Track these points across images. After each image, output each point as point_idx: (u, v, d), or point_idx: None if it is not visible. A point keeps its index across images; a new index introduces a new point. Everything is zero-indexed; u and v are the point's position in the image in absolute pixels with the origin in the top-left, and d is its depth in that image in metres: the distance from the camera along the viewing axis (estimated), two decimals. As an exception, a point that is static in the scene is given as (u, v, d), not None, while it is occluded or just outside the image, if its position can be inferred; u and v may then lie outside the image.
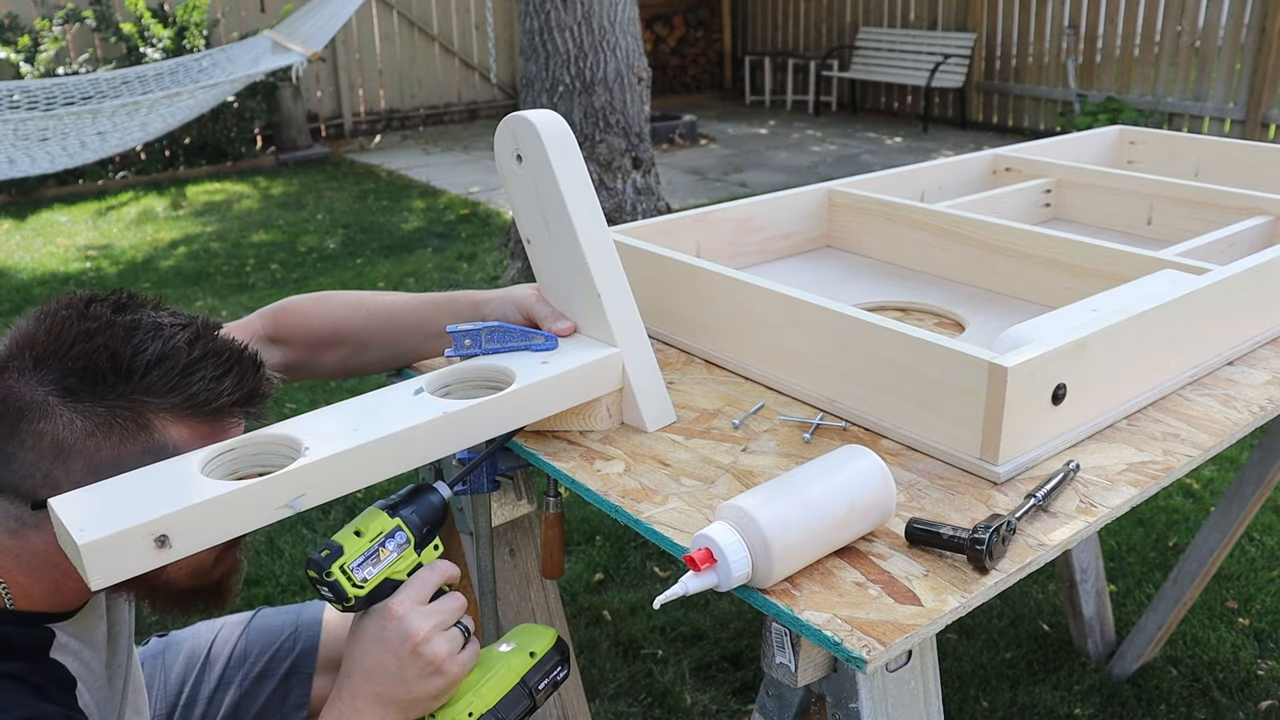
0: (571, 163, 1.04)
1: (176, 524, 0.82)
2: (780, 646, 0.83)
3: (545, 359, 1.07)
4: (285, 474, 0.87)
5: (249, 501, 0.86)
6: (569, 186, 1.04)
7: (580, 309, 1.11)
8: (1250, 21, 7.17)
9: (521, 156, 1.06)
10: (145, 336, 0.92)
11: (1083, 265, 1.33)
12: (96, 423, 0.89)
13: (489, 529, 1.23)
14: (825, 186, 1.66)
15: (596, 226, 1.06)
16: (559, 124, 1.05)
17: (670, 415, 1.11)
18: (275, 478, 0.87)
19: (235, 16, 8.51)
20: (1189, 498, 2.87)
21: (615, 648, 2.29)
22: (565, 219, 1.05)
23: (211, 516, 0.84)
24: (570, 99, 4.83)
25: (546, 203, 1.06)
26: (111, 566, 0.80)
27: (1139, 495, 0.94)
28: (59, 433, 0.89)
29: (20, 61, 7.16)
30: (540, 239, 1.10)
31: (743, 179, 7.21)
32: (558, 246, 1.08)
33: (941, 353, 0.98)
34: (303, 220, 6.33)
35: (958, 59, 8.91)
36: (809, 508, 0.82)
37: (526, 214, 1.10)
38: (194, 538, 0.84)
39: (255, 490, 0.86)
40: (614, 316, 1.07)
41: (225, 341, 0.97)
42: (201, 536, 0.84)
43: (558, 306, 1.13)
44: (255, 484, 0.86)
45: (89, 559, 0.79)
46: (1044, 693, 2.13)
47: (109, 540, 0.79)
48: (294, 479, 0.88)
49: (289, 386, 3.75)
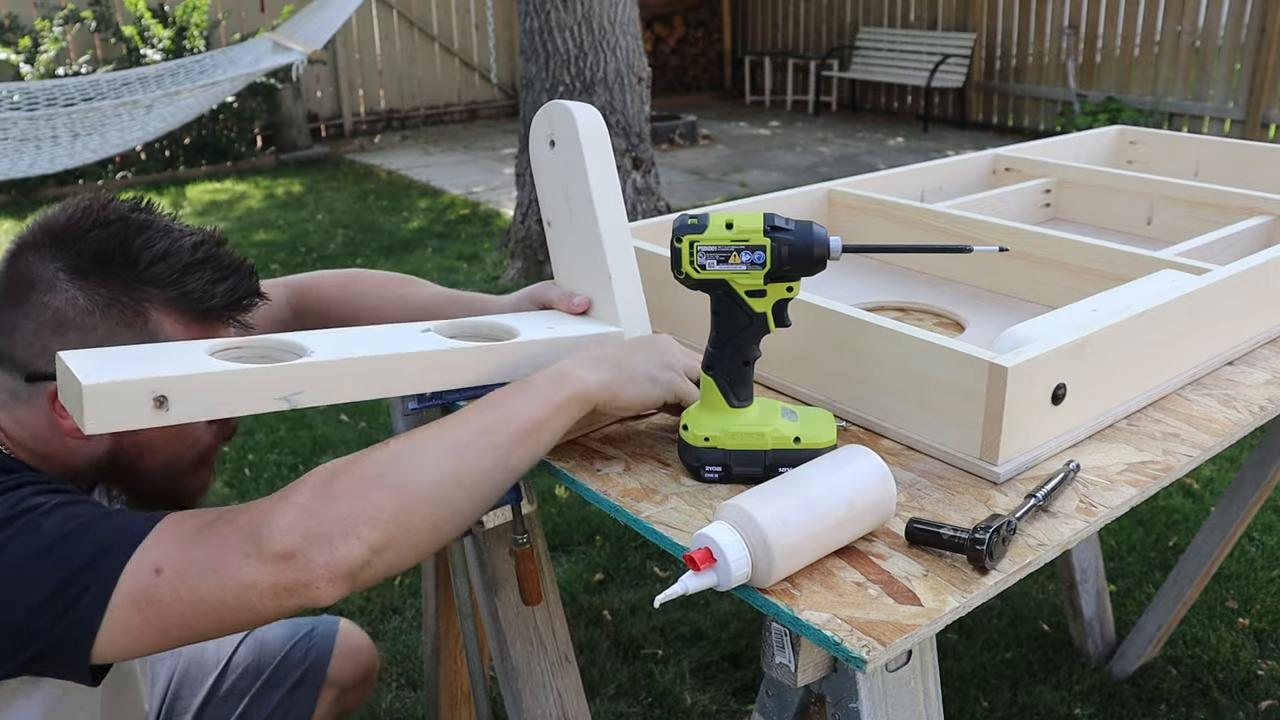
0: (601, 151, 1.10)
1: (177, 388, 0.85)
2: (780, 646, 0.83)
3: (550, 324, 1.10)
4: (287, 366, 0.91)
5: (249, 384, 0.89)
6: (596, 171, 1.09)
7: (591, 290, 1.14)
8: (1250, 21, 7.17)
9: (555, 142, 1.11)
10: (155, 234, 0.98)
11: (1083, 265, 1.33)
12: (97, 303, 0.95)
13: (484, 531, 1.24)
14: (825, 186, 1.66)
15: (616, 213, 1.10)
16: (595, 116, 1.10)
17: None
18: (277, 368, 0.90)
19: (235, 17, 8.51)
20: (1189, 498, 2.87)
21: (615, 648, 2.29)
22: (588, 203, 1.09)
23: (211, 388, 0.87)
24: (570, 99, 4.82)
25: (572, 186, 1.10)
26: (108, 414, 0.82)
27: (1139, 495, 0.94)
28: (61, 306, 0.94)
29: (20, 63, 7.16)
30: (561, 221, 1.14)
31: (743, 179, 7.21)
32: (578, 230, 1.12)
33: (941, 353, 0.98)
34: (303, 220, 6.33)
35: (958, 59, 8.91)
36: (809, 507, 0.82)
37: (551, 197, 1.14)
38: (192, 405, 0.86)
39: (256, 375, 0.89)
40: (621, 297, 1.11)
41: (228, 252, 1.03)
42: (199, 406, 0.86)
43: (571, 289, 1.17)
44: (257, 368, 0.89)
45: (89, 401, 0.80)
46: (1044, 693, 2.13)
47: (111, 387, 0.81)
48: (295, 373, 0.91)
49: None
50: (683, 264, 0.93)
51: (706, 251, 0.91)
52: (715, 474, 0.97)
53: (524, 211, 5.10)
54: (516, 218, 5.20)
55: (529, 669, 1.32)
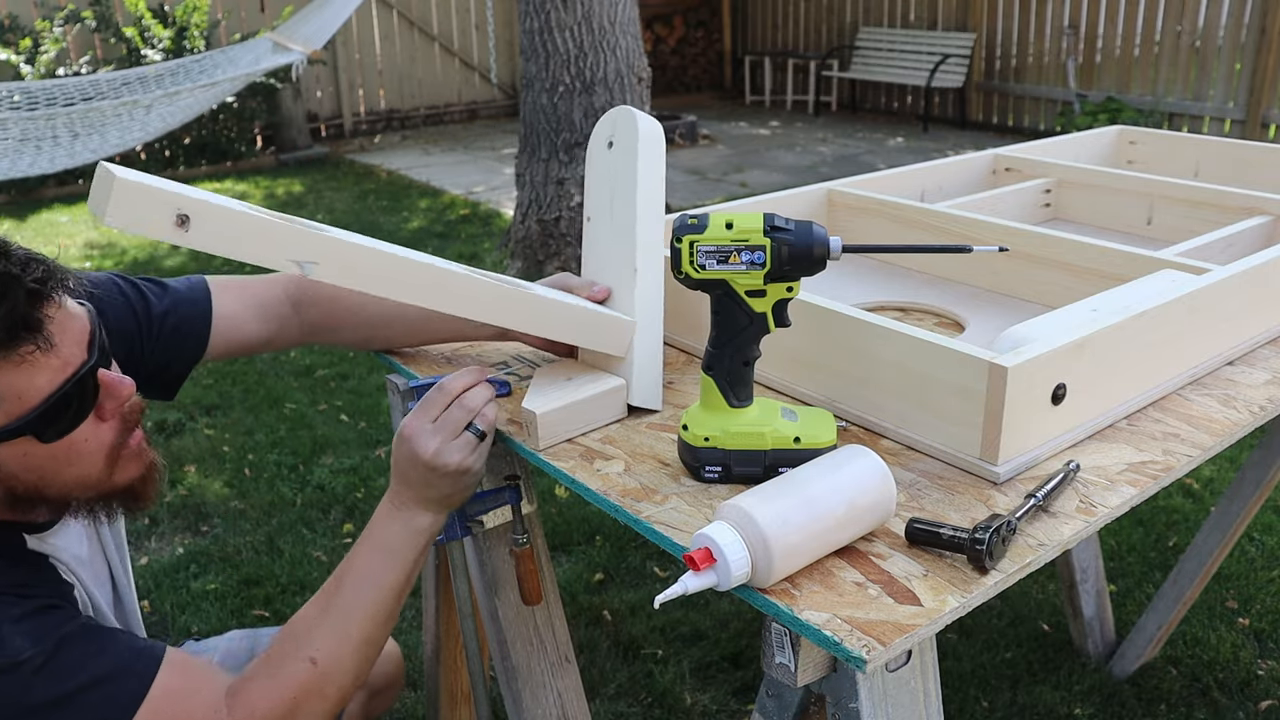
0: (656, 161, 1.15)
1: (202, 213, 0.87)
2: (780, 646, 0.83)
3: (567, 299, 1.13)
4: (311, 232, 0.93)
5: (267, 234, 0.91)
6: (646, 177, 1.14)
7: (614, 281, 1.17)
8: (1250, 21, 7.17)
9: (613, 143, 1.16)
10: None
11: (1083, 265, 1.33)
12: None
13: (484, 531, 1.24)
14: (825, 186, 1.66)
15: (656, 219, 1.15)
16: (658, 129, 1.16)
17: (657, 403, 1.14)
18: (301, 229, 0.92)
19: (235, 17, 8.51)
20: (1189, 498, 2.87)
21: (615, 648, 2.29)
22: (631, 202, 1.13)
23: (231, 226, 0.89)
24: (570, 99, 4.83)
25: (619, 187, 1.15)
26: (134, 214, 0.84)
27: (1139, 495, 0.94)
28: None
29: (21, 63, 7.16)
30: (601, 219, 1.18)
31: (743, 179, 7.21)
32: (615, 227, 1.16)
33: (941, 353, 0.98)
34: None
35: (958, 59, 8.91)
36: (809, 507, 0.82)
37: (597, 195, 1.18)
38: (210, 237, 0.88)
39: (280, 229, 0.91)
40: (641, 293, 1.14)
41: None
42: (216, 240, 0.88)
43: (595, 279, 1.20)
44: (284, 222, 0.90)
45: (118, 194, 0.82)
46: (1044, 693, 2.13)
47: (143, 188, 0.84)
48: (313, 242, 0.93)
49: (289, 386, 3.76)
50: (683, 264, 0.93)
51: (706, 251, 0.92)
52: (715, 474, 0.97)
53: (524, 211, 5.10)
54: (516, 218, 5.20)
55: (529, 669, 1.33)
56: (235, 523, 2.85)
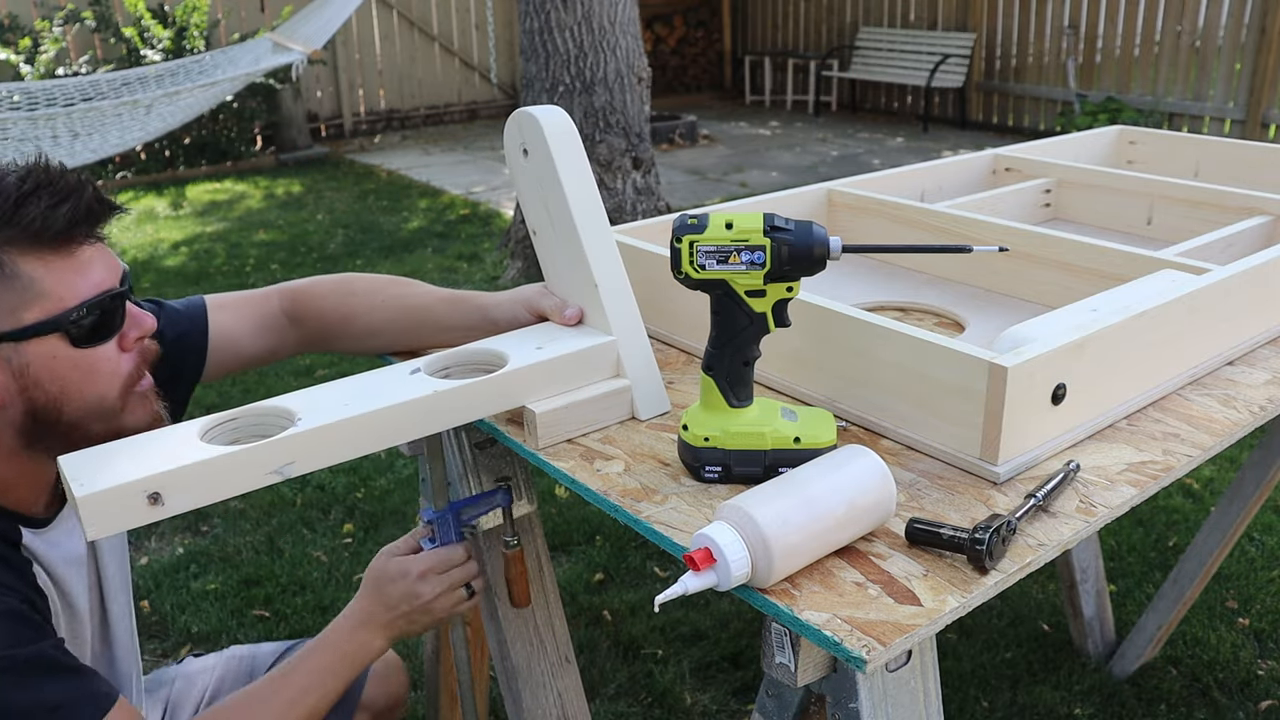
0: (573, 157, 1.08)
1: (170, 483, 0.87)
2: (780, 646, 0.83)
3: (540, 344, 1.10)
4: (276, 441, 0.92)
5: (241, 465, 0.91)
6: (570, 180, 1.07)
7: (580, 299, 1.14)
8: (1250, 21, 7.17)
9: (527, 150, 1.10)
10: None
11: (1083, 265, 1.33)
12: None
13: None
14: (825, 186, 1.66)
15: (596, 219, 1.09)
16: (563, 119, 1.08)
17: (664, 405, 1.13)
18: (266, 444, 0.92)
19: (235, 17, 8.51)
20: (1189, 498, 2.87)
21: (615, 648, 2.29)
22: (566, 211, 1.08)
23: (205, 477, 0.90)
24: (570, 99, 4.83)
25: (549, 195, 1.09)
26: (107, 518, 0.85)
27: (1139, 495, 0.94)
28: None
29: (20, 63, 7.16)
30: (545, 231, 1.14)
31: (743, 179, 7.21)
32: (560, 238, 1.11)
33: (941, 353, 0.98)
34: (303, 220, 6.33)
35: (958, 59, 8.91)
36: (809, 507, 0.82)
37: (532, 207, 1.13)
38: (186, 496, 0.89)
39: (247, 455, 0.91)
40: (610, 307, 1.10)
41: (58, 173, 0.99)
42: (194, 496, 0.89)
43: (562, 296, 1.16)
44: (247, 449, 0.91)
45: (84, 511, 0.84)
46: (1044, 693, 2.13)
47: (103, 495, 0.84)
48: (284, 446, 0.93)
49: (289, 386, 3.76)
50: (682, 264, 0.93)
51: (706, 251, 0.92)
52: (715, 474, 0.97)
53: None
54: (516, 218, 5.20)
55: (529, 669, 1.33)
56: (235, 523, 2.85)
